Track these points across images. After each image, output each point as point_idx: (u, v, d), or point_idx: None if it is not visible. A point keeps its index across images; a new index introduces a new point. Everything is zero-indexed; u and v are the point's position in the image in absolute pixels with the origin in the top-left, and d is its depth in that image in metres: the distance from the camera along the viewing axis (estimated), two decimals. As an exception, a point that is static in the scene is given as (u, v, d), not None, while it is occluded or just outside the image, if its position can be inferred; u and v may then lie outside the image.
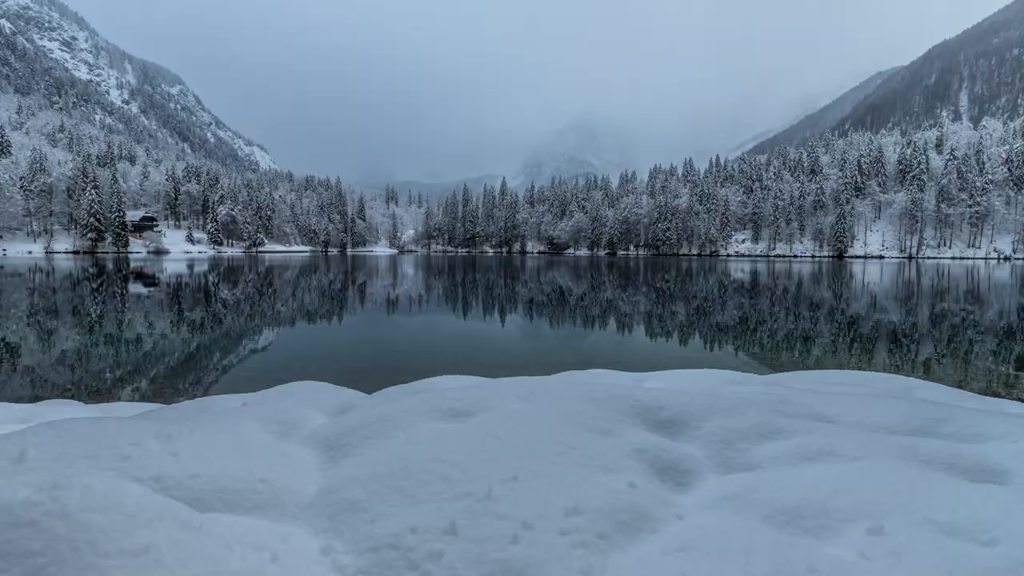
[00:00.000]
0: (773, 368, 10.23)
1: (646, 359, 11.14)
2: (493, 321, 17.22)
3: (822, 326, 15.10)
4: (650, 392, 3.49)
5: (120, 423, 2.46)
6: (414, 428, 2.80)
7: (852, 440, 2.74)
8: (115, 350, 12.11)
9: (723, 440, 2.86)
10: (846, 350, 11.82)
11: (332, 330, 15.56)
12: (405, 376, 9.50)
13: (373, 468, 2.30)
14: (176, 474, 2.14)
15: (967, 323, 15.42)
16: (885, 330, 14.47)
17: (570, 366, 10.51)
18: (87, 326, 15.30)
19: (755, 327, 14.99)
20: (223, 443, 2.53)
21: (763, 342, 12.91)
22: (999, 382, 9.03)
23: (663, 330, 15.01)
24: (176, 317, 16.92)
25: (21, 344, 12.62)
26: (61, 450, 2.09)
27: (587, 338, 14.01)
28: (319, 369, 9.93)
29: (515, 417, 2.94)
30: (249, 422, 3.10)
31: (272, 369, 9.99)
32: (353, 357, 11.21)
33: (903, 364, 10.59)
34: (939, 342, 12.69)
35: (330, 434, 2.90)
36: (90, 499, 1.35)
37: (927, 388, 6.01)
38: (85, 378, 9.57)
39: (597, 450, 2.52)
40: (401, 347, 12.29)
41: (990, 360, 10.69)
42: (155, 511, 1.44)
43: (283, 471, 2.41)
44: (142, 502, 1.45)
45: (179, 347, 12.47)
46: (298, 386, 4.68)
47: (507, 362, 10.77)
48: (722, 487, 2.30)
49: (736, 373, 6.55)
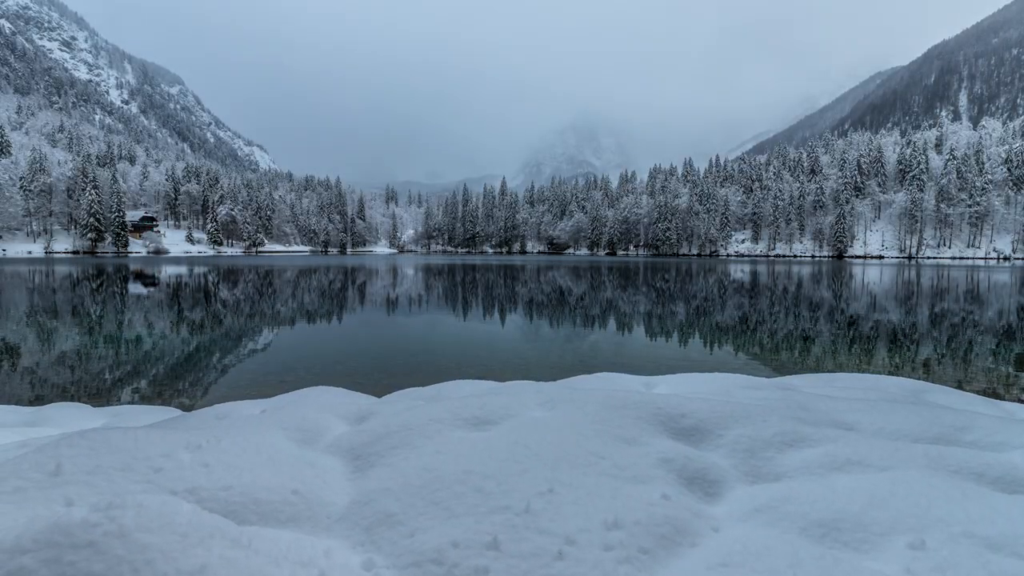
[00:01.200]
0: (777, 370, 10.24)
1: (649, 360, 11.15)
2: (495, 322, 17.22)
3: (824, 326, 15.12)
4: (671, 399, 3.49)
5: (149, 433, 2.46)
6: (440, 437, 2.80)
7: (878, 449, 2.74)
8: (116, 351, 12.11)
9: (748, 449, 2.86)
10: (849, 351, 11.83)
11: (334, 331, 15.55)
12: (409, 377, 9.52)
13: (404, 479, 2.29)
14: (209, 486, 2.14)
15: (967, 323, 15.44)
16: (885, 330, 14.50)
17: (574, 368, 10.52)
18: (87, 327, 15.28)
19: (755, 327, 15.00)
20: (251, 453, 2.53)
21: (764, 342, 12.93)
22: (999, 382, 9.06)
23: (663, 330, 15.02)
24: (177, 318, 16.92)
25: (22, 344, 12.61)
26: (95, 463, 2.09)
27: (589, 339, 14.01)
28: (322, 370, 9.92)
29: (540, 426, 2.94)
30: (273, 431, 3.10)
31: (276, 371, 9.98)
32: (356, 358, 11.20)
33: (903, 364, 10.61)
34: (939, 342, 12.70)
35: (354, 443, 2.90)
36: (145, 518, 1.35)
37: (937, 392, 6.02)
38: (87, 379, 9.57)
39: (625, 460, 2.52)
40: (403, 348, 12.29)
41: (990, 360, 10.71)
42: (206, 529, 1.44)
43: (313, 481, 2.41)
44: (193, 520, 1.45)
45: (180, 348, 12.47)
46: (313, 392, 4.68)
47: (511, 363, 10.76)
48: (752, 498, 2.30)
49: (747, 377, 6.55)
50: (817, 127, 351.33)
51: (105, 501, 1.39)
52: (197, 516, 1.48)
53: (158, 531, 1.34)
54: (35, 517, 1.37)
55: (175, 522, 1.39)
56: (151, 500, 1.42)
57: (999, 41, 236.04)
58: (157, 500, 1.44)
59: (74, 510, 1.34)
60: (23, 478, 1.90)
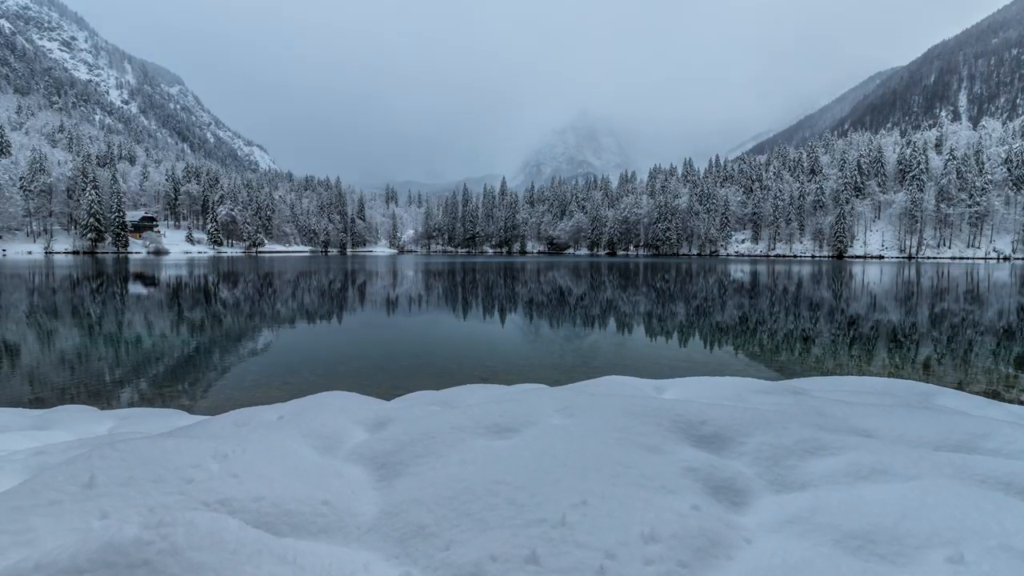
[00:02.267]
0: (780, 370, 10.26)
1: (651, 360, 11.17)
2: (495, 322, 17.23)
3: (824, 326, 15.12)
4: (690, 406, 3.49)
5: (177, 443, 2.46)
6: (464, 446, 2.80)
7: (901, 457, 2.75)
8: (116, 351, 12.14)
9: (770, 457, 2.87)
10: (849, 351, 11.84)
11: (335, 331, 15.59)
12: (413, 379, 9.54)
13: (434, 489, 2.30)
14: (241, 497, 2.14)
15: (967, 323, 15.43)
16: (885, 330, 14.51)
17: (576, 368, 10.53)
18: (87, 327, 15.29)
19: (755, 328, 15.01)
20: (277, 462, 2.53)
21: (764, 342, 12.96)
22: (1002, 383, 9.09)
23: (663, 330, 15.04)
24: (177, 318, 16.93)
25: (22, 344, 12.61)
26: (128, 474, 2.09)
27: (590, 339, 14.03)
28: (325, 372, 9.95)
29: (563, 434, 2.94)
30: (294, 438, 3.10)
31: (279, 372, 10.00)
32: (358, 359, 11.21)
33: (904, 364, 10.63)
34: (940, 342, 12.71)
35: (377, 451, 2.90)
36: (196, 536, 1.35)
37: (947, 395, 6.02)
38: (90, 380, 9.59)
39: (651, 469, 2.52)
40: (405, 349, 12.31)
41: (990, 361, 10.72)
42: (253, 545, 1.44)
43: (341, 491, 2.41)
44: (240, 536, 1.45)
45: (181, 349, 12.49)
46: (327, 397, 4.68)
47: (514, 364, 10.78)
48: (781, 508, 2.30)
49: (757, 381, 6.55)
50: (817, 127, 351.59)
51: (155, 518, 1.39)
52: (243, 532, 1.48)
53: (209, 549, 1.34)
54: (87, 535, 1.37)
55: (224, 539, 1.39)
56: (200, 518, 1.43)
57: (999, 41, 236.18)
58: (206, 517, 1.44)
59: (126, 528, 1.34)
60: (58, 490, 1.91)
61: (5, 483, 2.59)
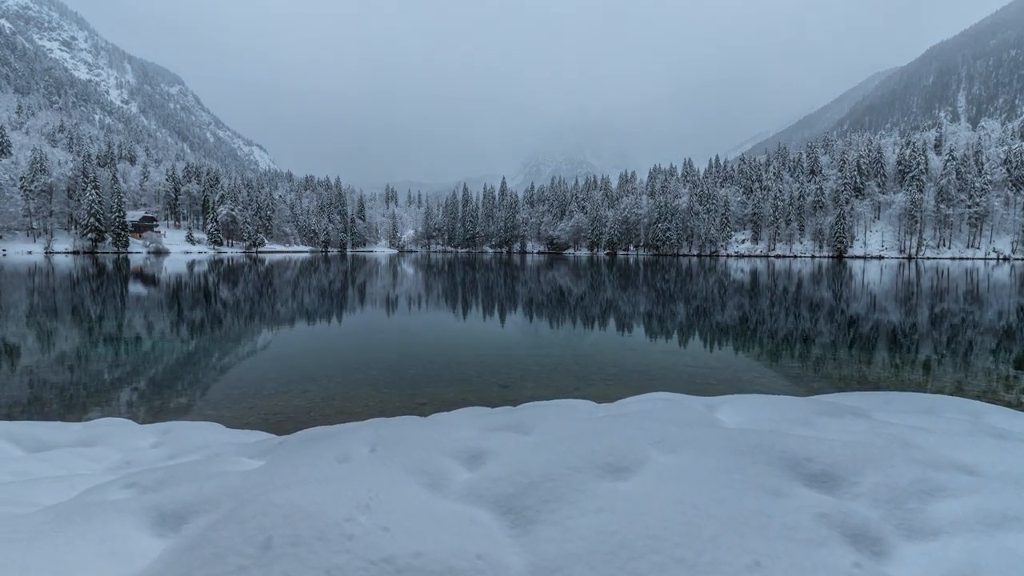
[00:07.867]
0: (795, 379, 10.24)
1: (671, 368, 11.16)
2: (505, 325, 17.24)
3: (838, 333, 15.09)
4: (789, 439, 3.50)
5: (323, 491, 2.45)
6: (587, 490, 2.80)
7: (1020, 501, 2.76)
8: (116, 355, 12.23)
9: (891, 499, 2.87)
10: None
11: (346, 336, 15.69)
12: (432, 387, 9.59)
13: (586, 544, 2.29)
14: (402, 554, 2.14)
15: (988, 329, 15.43)
16: (898, 333, 14.51)
17: (594, 376, 10.53)
18: (86, 329, 15.27)
19: (772, 334, 14.98)
20: (413, 510, 2.53)
21: (780, 349, 12.93)
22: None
23: (676, 334, 15.03)
24: (188, 322, 16.90)
25: (24, 347, 12.59)
26: (294, 531, 2.09)
27: (602, 344, 14.02)
28: (343, 379, 10.01)
29: (681, 476, 2.94)
30: (403, 476, 3.09)
31: (298, 379, 10.07)
32: (373, 365, 11.26)
33: (910, 368, 10.63)
34: (941, 342, 12.73)
35: (497, 493, 2.89)
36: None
37: (995, 413, 6.03)
38: (113, 389, 9.66)
39: (786, 517, 2.52)
40: (418, 354, 12.39)
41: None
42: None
43: (483, 542, 2.41)
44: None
45: (197, 355, 12.54)
46: (399, 423, 4.66)
47: (530, 371, 10.78)
48: (932, 562, 2.31)
49: (810, 400, 6.56)
50: (816, 127, 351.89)
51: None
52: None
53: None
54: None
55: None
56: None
57: (997, 42, 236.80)
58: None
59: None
60: (241, 554, 1.90)
61: (136, 535, 2.57)
